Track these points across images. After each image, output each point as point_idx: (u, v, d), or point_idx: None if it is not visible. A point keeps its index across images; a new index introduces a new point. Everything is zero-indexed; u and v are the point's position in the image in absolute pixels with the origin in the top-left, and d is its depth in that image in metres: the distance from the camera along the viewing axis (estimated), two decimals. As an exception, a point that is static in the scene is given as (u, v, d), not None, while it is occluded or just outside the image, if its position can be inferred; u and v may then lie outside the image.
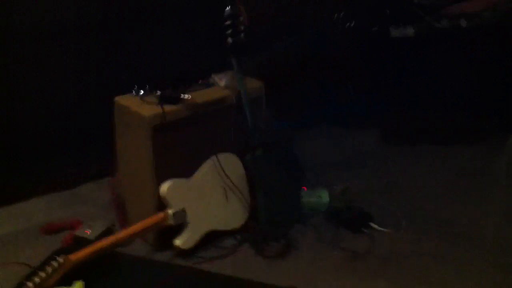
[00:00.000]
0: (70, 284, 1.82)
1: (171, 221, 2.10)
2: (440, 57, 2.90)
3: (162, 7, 2.73)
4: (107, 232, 2.23)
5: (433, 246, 2.23)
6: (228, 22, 2.08)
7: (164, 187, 2.10)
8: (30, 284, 1.77)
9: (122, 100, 2.22)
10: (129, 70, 2.43)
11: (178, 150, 2.17)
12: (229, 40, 2.10)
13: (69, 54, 2.60)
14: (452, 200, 2.58)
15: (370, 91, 3.10)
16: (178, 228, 2.15)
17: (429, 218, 2.44)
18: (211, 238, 2.23)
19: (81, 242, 2.08)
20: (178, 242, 2.13)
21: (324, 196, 2.47)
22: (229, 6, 2.08)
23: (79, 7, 2.56)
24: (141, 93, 2.17)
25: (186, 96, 2.13)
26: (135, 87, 2.19)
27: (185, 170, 2.19)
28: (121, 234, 2.05)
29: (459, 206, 2.52)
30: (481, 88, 2.92)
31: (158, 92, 2.15)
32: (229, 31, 2.08)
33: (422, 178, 2.80)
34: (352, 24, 2.98)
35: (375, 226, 2.31)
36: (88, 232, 2.22)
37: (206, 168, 2.24)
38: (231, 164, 2.30)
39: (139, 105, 2.14)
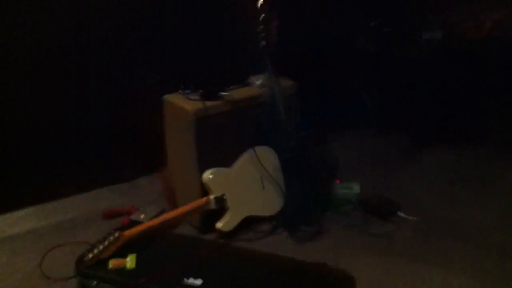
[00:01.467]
0: (125, 256, 2.09)
1: (212, 206, 2.36)
2: (458, 65, 3.02)
3: (206, 18, 3.02)
4: (158, 216, 2.49)
5: (443, 244, 2.36)
6: (261, 27, 2.31)
7: (206, 175, 2.36)
8: (90, 254, 2.07)
9: (170, 97, 2.49)
10: (177, 72, 2.69)
11: (219, 141, 2.42)
12: (263, 43, 2.33)
13: (121, 54, 2.86)
14: (464, 203, 2.71)
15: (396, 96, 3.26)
16: (220, 214, 2.40)
17: (440, 217, 2.57)
18: (249, 223, 2.46)
19: (136, 225, 2.32)
20: (219, 225, 2.38)
21: (355, 188, 2.66)
22: (264, 14, 2.32)
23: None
24: (187, 92, 2.44)
25: (225, 93, 2.40)
26: (181, 86, 2.46)
27: (226, 160, 2.45)
28: (168, 215, 2.32)
29: (470, 209, 2.64)
30: (498, 97, 3.03)
31: (201, 91, 2.42)
32: (263, 35, 2.32)
33: (438, 180, 2.94)
34: (389, 30, 3.15)
35: (402, 214, 2.47)
36: (142, 217, 2.52)
37: (245, 159, 2.49)
38: (267, 156, 2.53)
39: (184, 101, 2.41)
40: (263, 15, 2.30)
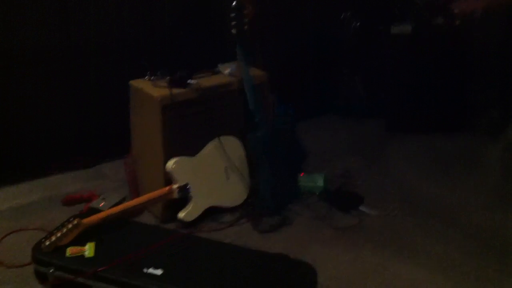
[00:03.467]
0: (83, 244, 2.05)
1: (175, 195, 2.32)
2: (437, 51, 3.06)
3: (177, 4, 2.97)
4: (120, 204, 2.44)
5: (420, 225, 2.39)
6: (233, 14, 2.27)
7: (170, 163, 2.32)
8: (47, 241, 2.01)
9: (136, 83, 2.45)
10: (145, 57, 2.65)
11: (185, 130, 2.38)
12: (234, 30, 2.29)
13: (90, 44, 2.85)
14: (444, 183, 2.75)
15: (373, 83, 3.27)
16: (183, 203, 2.37)
17: (420, 200, 2.61)
18: (212, 213, 2.43)
19: (95, 212, 2.28)
20: (181, 214, 2.34)
21: (319, 181, 2.65)
22: (235, 1, 2.28)
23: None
24: (154, 78, 2.40)
25: (193, 81, 2.36)
26: (148, 72, 2.42)
27: (191, 149, 2.40)
28: (129, 203, 2.28)
29: (450, 190, 2.68)
30: (479, 81, 3.08)
31: (169, 77, 2.37)
32: (234, 23, 2.28)
33: (417, 164, 2.97)
34: (358, 24, 3.16)
35: (364, 209, 2.49)
36: (102, 204, 2.47)
37: (210, 149, 2.45)
38: (232, 146, 2.50)
39: (151, 87, 2.36)
40: (235, 2, 2.26)
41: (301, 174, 2.69)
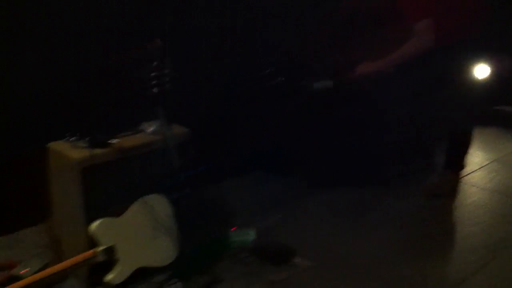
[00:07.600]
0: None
1: (100, 258, 2.23)
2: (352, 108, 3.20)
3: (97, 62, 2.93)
4: (43, 270, 2.34)
5: (344, 276, 2.42)
6: (154, 74, 2.28)
7: (93, 226, 2.23)
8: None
9: (55, 145, 2.38)
10: (64, 117, 2.58)
11: (108, 190, 2.33)
12: (155, 90, 2.30)
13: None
14: (362, 236, 2.80)
15: (297, 141, 3.34)
16: (109, 266, 2.28)
17: (343, 253, 2.64)
18: (142, 274, 2.35)
19: (16, 280, 2.17)
20: (108, 277, 2.25)
21: (250, 236, 2.65)
22: (156, 61, 2.29)
23: None
24: (73, 139, 2.34)
25: (114, 140, 2.32)
26: (67, 134, 2.36)
27: (116, 209, 2.33)
28: (51, 269, 2.17)
29: (369, 242, 2.73)
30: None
31: (88, 138, 2.32)
32: (155, 82, 2.29)
33: (336, 218, 3.03)
34: (282, 79, 3.23)
35: (297, 260, 2.50)
36: (24, 271, 2.34)
37: (135, 208, 2.39)
38: (159, 204, 2.44)
39: (70, 149, 2.31)
40: (155, 62, 2.28)
41: (232, 229, 2.68)
